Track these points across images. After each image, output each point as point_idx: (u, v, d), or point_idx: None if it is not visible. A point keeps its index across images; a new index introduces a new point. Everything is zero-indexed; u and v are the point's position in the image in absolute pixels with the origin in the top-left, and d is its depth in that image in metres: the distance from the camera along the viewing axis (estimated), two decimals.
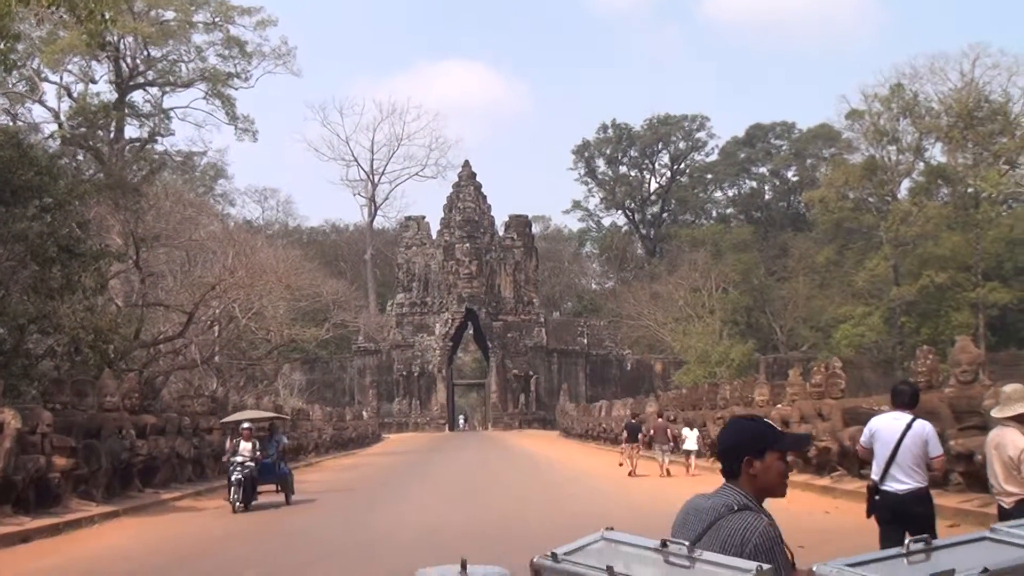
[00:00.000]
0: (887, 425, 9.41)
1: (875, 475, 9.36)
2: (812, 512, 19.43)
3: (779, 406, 29.80)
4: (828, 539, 15.48)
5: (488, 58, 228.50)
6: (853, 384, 41.04)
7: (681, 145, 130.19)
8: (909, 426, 9.23)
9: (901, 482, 9.14)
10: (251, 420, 25.77)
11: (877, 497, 9.29)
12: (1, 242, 28.29)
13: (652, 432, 33.70)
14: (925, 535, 3.78)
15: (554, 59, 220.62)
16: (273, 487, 24.84)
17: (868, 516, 9.47)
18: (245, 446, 23.19)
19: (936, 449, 9.28)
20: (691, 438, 33.66)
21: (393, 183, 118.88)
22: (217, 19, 72.08)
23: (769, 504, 4.31)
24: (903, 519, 8.97)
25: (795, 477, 25.55)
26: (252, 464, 22.90)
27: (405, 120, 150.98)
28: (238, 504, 22.09)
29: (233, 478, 22.45)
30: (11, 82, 62.11)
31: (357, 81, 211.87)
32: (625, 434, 34.28)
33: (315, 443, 49.68)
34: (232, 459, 22.92)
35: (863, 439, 9.76)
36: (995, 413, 9.18)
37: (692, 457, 33.24)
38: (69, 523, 18.41)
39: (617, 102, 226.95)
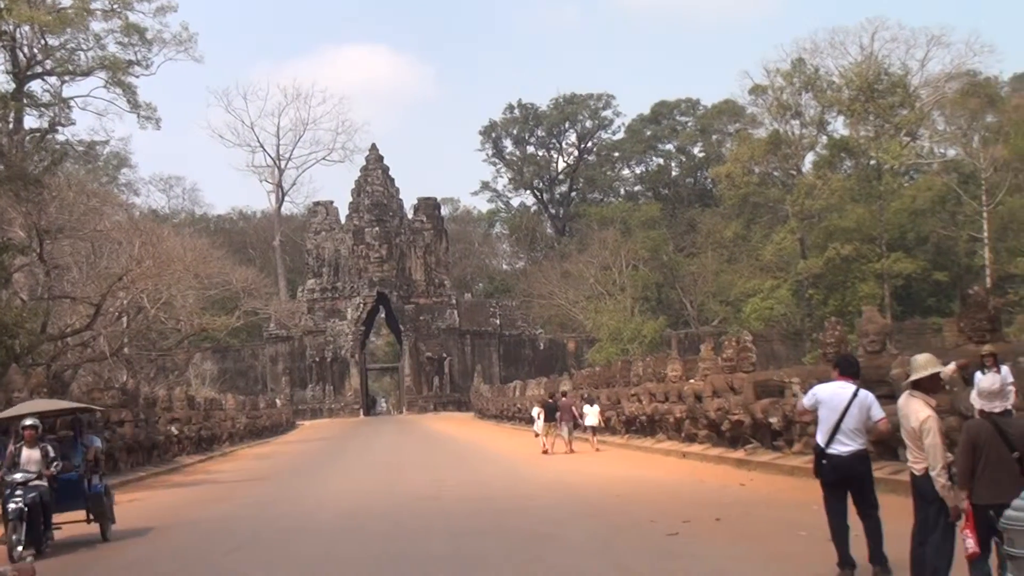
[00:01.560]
0: (834, 392, 10.12)
1: (821, 440, 10.09)
2: (727, 485, 19.68)
3: (692, 381, 30.14)
4: (747, 511, 15.69)
5: (392, 41, 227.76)
6: (763, 357, 41.72)
7: (587, 124, 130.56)
8: (855, 394, 9.99)
9: (846, 445, 9.94)
10: (39, 415, 17.21)
11: (824, 460, 10.05)
12: None
13: (559, 412, 33.85)
14: None
15: (458, 41, 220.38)
16: (82, 515, 16.96)
17: (816, 476, 10.30)
18: (30, 455, 15.77)
19: (879, 413, 10.04)
20: (592, 415, 34.20)
21: (300, 168, 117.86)
22: (116, 6, 70.86)
23: (686, 478, 4.37)
24: (847, 478, 10.01)
25: (709, 451, 25.92)
26: (42, 483, 15.49)
27: (310, 105, 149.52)
28: (18, 551, 14.37)
29: (9, 508, 14.90)
30: None
31: (260, 66, 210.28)
32: (543, 414, 34.34)
33: (229, 433, 49.30)
34: (7, 477, 15.55)
35: (807, 402, 10.50)
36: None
37: (594, 433, 33.88)
38: None
39: (523, 82, 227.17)
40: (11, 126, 66.66)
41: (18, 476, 15.36)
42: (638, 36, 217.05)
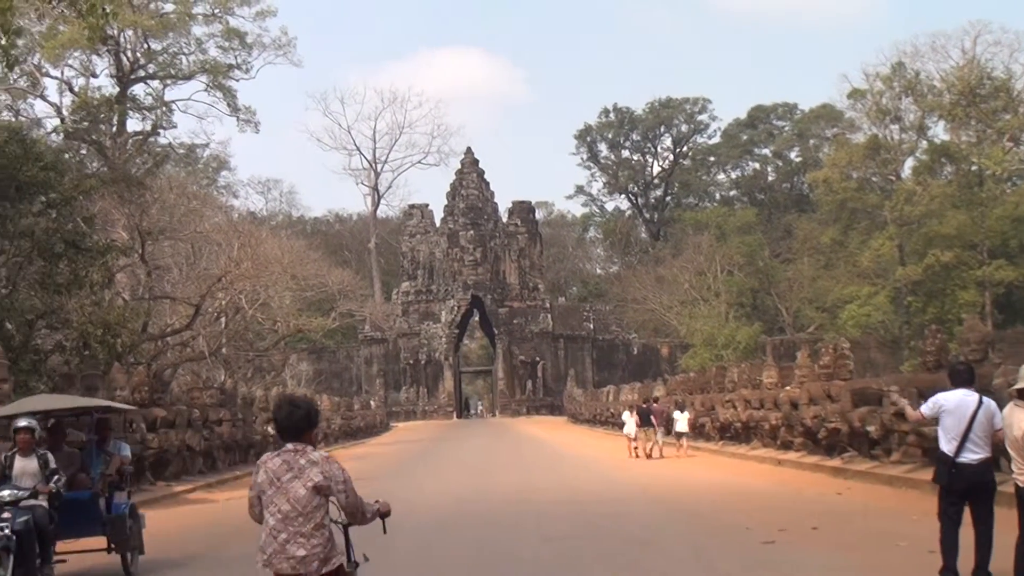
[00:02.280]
0: (960, 401, 10.04)
1: (949, 448, 10.01)
2: (824, 493, 19.45)
3: (787, 388, 29.81)
4: (844, 520, 15.49)
5: (487, 45, 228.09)
6: (860, 364, 41.12)
7: (683, 128, 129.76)
8: (980, 402, 9.96)
9: (975, 453, 9.88)
10: (40, 414, 13.88)
11: (953, 469, 9.95)
12: (7, 238, 28.35)
13: (649, 415, 34.08)
14: None
15: (553, 44, 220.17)
16: (101, 540, 13.54)
17: (935, 482, 10.33)
18: (24, 466, 12.12)
19: (999, 423, 9.84)
20: (681, 420, 34.27)
21: (396, 171, 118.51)
22: (216, 10, 72.00)
23: (781, 486, 4.32)
24: (974, 486, 9.90)
25: (805, 459, 25.62)
26: (38, 503, 11.79)
27: (406, 108, 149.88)
28: None
29: None
30: (12, 78, 62.04)
31: (356, 70, 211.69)
32: (637, 419, 34.48)
33: (323, 433, 49.72)
34: None
35: (927, 411, 10.38)
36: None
37: (684, 439, 33.95)
38: None
39: (619, 86, 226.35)
40: (115, 129, 67.96)
41: (6, 494, 11.53)
42: (735, 39, 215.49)
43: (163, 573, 13.22)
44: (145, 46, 71.18)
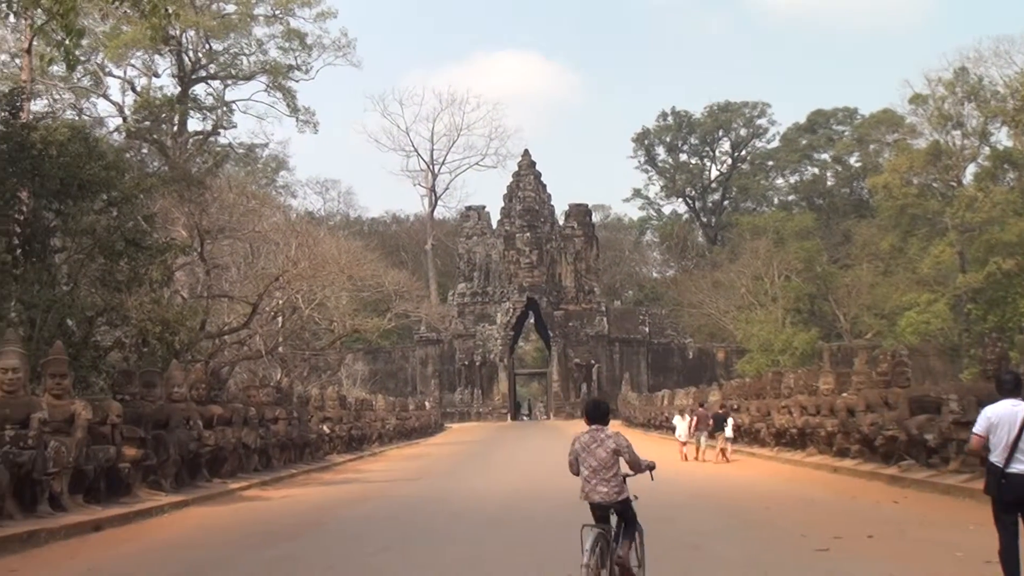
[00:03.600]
0: (1007, 412, 9.87)
1: (998, 459, 9.83)
2: (880, 502, 19.28)
3: (844, 395, 29.59)
4: (901, 529, 15.35)
5: (544, 48, 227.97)
6: (919, 372, 40.71)
7: (742, 132, 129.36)
8: None
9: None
10: None
11: (1003, 480, 9.77)
12: (69, 236, 28.70)
13: (695, 420, 35.11)
14: None
15: (611, 48, 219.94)
16: None
17: (986, 493, 10.05)
18: None
19: None
20: (727, 426, 34.40)
21: (453, 173, 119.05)
22: (277, 12, 72.54)
23: (836, 493, 4.31)
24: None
25: (861, 467, 25.41)
26: None
27: (464, 110, 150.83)
28: None
29: None
30: (76, 77, 62.85)
31: (414, 72, 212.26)
32: (695, 422, 34.85)
33: (378, 433, 49.91)
34: None
35: (979, 428, 10.12)
36: None
37: (728, 443, 34.06)
38: (139, 512, 18.62)
39: (676, 90, 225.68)
40: (176, 128, 68.65)
41: None
42: (794, 43, 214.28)
43: (211, 569, 13.32)
44: (207, 46, 71.86)
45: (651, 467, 10.41)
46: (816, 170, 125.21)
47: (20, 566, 12.93)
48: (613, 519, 10.04)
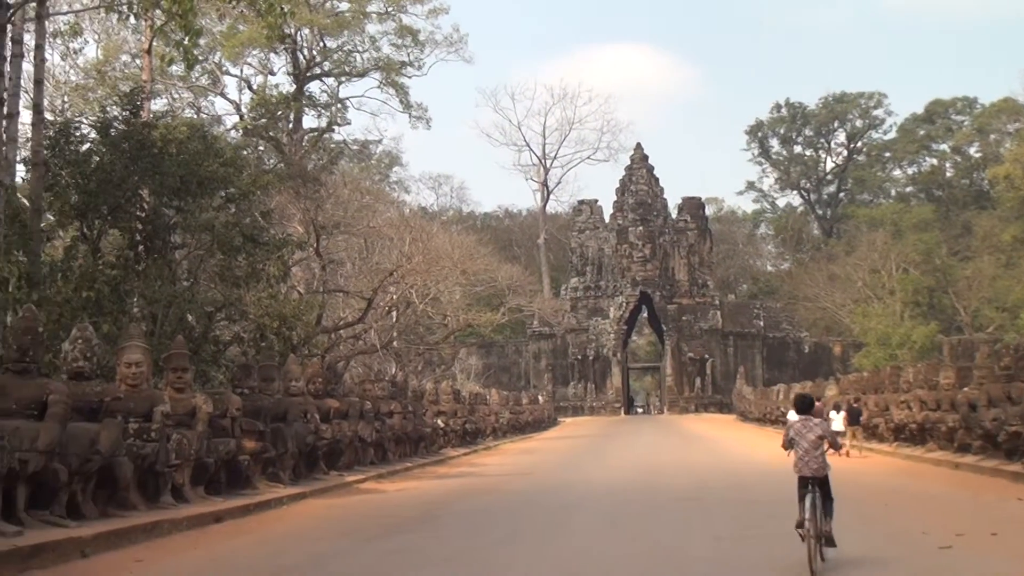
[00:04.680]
0: None
1: None
2: (1004, 499, 18.85)
3: (965, 389, 28.99)
4: None
5: (655, 40, 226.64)
6: None
7: (858, 123, 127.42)
8: None
9: None
10: None
11: None
12: (189, 232, 29.20)
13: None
14: None
15: (723, 39, 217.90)
16: None
17: None
18: None
19: None
20: (837, 421, 33.87)
21: (565, 167, 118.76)
22: (390, 8, 73.15)
23: (958, 490, 4.21)
24: None
25: (983, 463, 24.89)
26: None
27: (576, 104, 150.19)
28: None
29: None
30: (194, 76, 64.00)
31: (525, 66, 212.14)
32: (845, 417, 34.33)
33: (492, 427, 50.06)
34: None
35: None
36: None
37: (844, 439, 33.80)
38: (259, 504, 18.88)
39: (790, 81, 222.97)
40: (291, 125, 69.63)
41: None
42: (911, 32, 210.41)
43: (330, 560, 13.45)
44: (321, 44, 72.74)
45: (839, 446, 13.13)
46: (935, 161, 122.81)
47: (145, 555, 13.18)
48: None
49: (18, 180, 30.04)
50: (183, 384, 18.86)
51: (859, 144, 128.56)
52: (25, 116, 30.89)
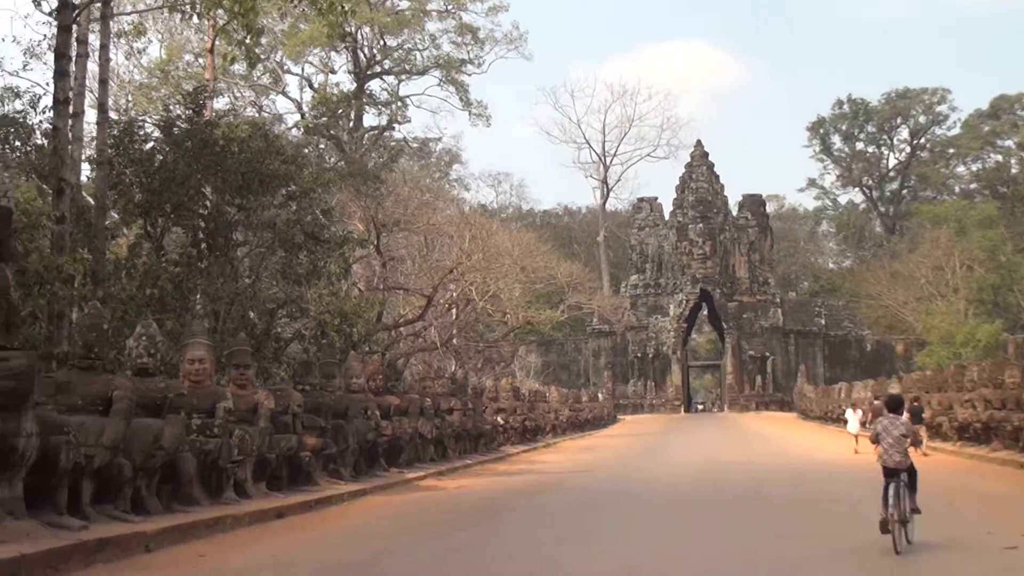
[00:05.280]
0: None
1: None
2: None
3: None
4: None
5: (715, 37, 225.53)
6: None
7: (921, 119, 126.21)
8: None
9: None
10: None
11: None
12: (251, 230, 29.40)
13: (871, 414, 34.57)
14: None
15: (784, 35, 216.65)
16: None
17: None
18: None
19: None
20: (853, 420, 35.26)
21: (625, 164, 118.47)
22: (450, 6, 73.32)
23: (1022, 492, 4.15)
24: None
25: None
26: None
27: (636, 101, 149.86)
28: None
29: None
30: (256, 75, 64.46)
31: (584, 63, 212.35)
32: (870, 415, 34.33)
33: (551, 424, 50.06)
34: None
35: None
36: None
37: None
38: (320, 500, 18.98)
39: (852, 77, 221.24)
40: (352, 124, 69.96)
41: None
42: (976, 27, 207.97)
43: (391, 556, 13.49)
44: (381, 42, 73.02)
45: (920, 442, 14.65)
46: (999, 157, 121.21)
47: (208, 550, 13.29)
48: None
49: (83, 179, 30.40)
50: (245, 380, 19.00)
51: (922, 140, 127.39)
52: (90, 115, 31.30)
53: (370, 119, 75.37)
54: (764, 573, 11.67)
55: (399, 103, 75.64)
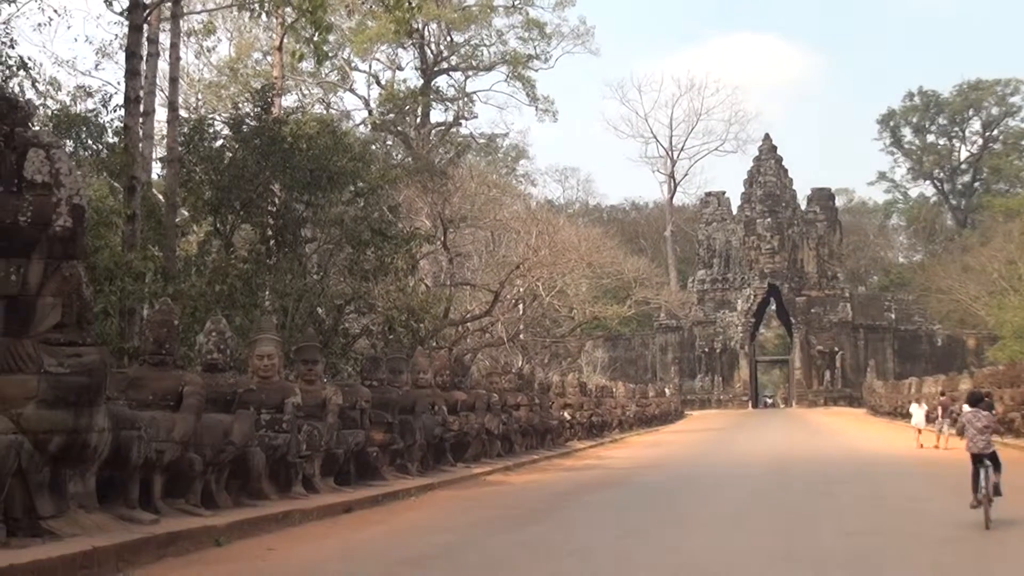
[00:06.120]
0: None
1: None
2: None
3: None
4: None
5: (783, 29, 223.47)
6: None
7: (994, 111, 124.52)
8: None
9: None
10: None
11: None
12: (319, 226, 29.64)
13: (940, 408, 35.94)
14: None
15: (852, 28, 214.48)
16: None
17: None
18: None
19: None
20: (918, 413, 36.22)
21: (692, 159, 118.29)
22: (517, 2, 73.35)
23: None
24: None
25: None
26: None
27: (703, 95, 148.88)
28: None
29: None
30: (324, 72, 64.86)
31: (650, 57, 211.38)
32: (939, 410, 34.92)
33: (618, 420, 49.98)
34: None
35: None
36: None
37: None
38: (387, 495, 19.07)
39: (923, 69, 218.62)
40: (419, 120, 70.19)
41: None
42: None
43: (458, 550, 13.54)
44: (448, 39, 73.19)
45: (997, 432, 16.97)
46: None
47: (277, 544, 13.41)
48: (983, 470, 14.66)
49: (154, 177, 30.77)
50: (314, 376, 19.14)
51: (995, 132, 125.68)
52: (160, 114, 31.73)
53: (437, 115, 75.67)
54: (832, 569, 11.60)
55: (466, 99, 75.82)
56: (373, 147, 54.36)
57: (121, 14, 26.02)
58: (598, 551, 13.13)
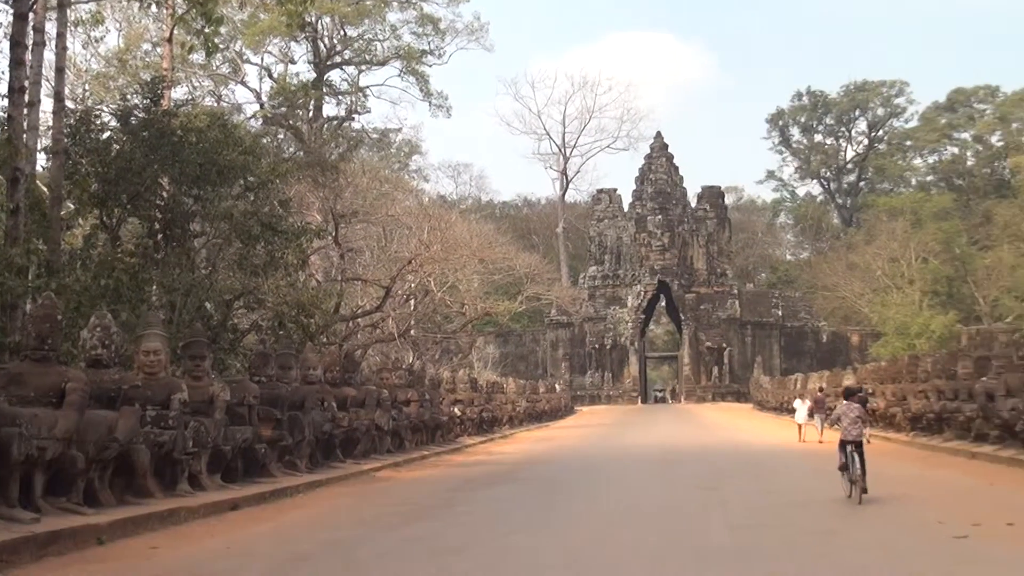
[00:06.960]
0: None
1: None
2: (1021, 488, 18.85)
3: (983, 379, 28.90)
4: None
5: (676, 28, 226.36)
6: None
7: (879, 112, 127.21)
8: None
9: None
10: None
11: None
12: (208, 220, 29.31)
13: (814, 403, 37.27)
14: None
15: (744, 28, 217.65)
16: None
17: None
18: None
19: None
20: (802, 409, 37.32)
21: (584, 156, 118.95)
22: None
23: (974, 480, 4.25)
24: None
25: (1000, 452, 24.89)
26: None
27: (596, 93, 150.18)
28: None
29: None
30: (215, 65, 64.15)
31: (545, 54, 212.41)
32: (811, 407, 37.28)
33: (509, 415, 50.10)
34: None
35: None
36: None
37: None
38: (275, 492, 18.95)
39: (811, 69, 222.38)
40: (311, 114, 69.77)
41: None
42: (934, 20, 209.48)
43: (347, 547, 13.53)
44: (341, 33, 72.88)
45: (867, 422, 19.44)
46: (956, 150, 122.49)
47: (161, 543, 13.27)
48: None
49: (39, 168, 30.20)
50: (201, 372, 18.95)
51: (880, 133, 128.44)
52: (46, 104, 31.12)
53: (330, 109, 75.33)
54: (717, 561, 11.78)
55: (359, 93, 75.61)
56: (264, 141, 53.80)
57: (6, 2, 25.52)
58: (487, 546, 13.19)
